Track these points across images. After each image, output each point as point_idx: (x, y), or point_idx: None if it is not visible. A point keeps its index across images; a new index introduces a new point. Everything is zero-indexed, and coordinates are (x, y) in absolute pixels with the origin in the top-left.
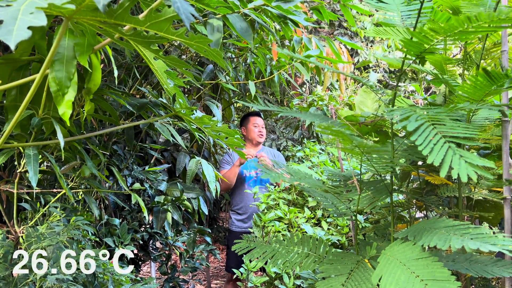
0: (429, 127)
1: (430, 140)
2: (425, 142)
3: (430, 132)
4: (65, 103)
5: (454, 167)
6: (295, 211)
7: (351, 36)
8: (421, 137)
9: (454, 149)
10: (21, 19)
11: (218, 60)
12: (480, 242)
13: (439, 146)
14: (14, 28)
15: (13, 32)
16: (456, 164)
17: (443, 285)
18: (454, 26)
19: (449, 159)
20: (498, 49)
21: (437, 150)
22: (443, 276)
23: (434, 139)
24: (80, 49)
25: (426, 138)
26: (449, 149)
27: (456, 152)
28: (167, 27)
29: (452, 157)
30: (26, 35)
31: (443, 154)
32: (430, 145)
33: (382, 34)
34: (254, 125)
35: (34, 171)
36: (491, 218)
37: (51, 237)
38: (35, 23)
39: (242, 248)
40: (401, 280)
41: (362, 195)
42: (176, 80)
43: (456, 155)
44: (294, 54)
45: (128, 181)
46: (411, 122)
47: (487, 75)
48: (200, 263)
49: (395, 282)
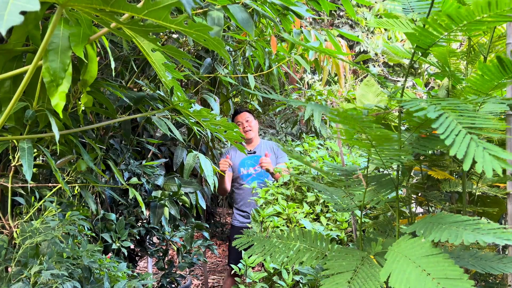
0: (449, 116)
1: (451, 130)
2: (446, 131)
3: (451, 122)
4: (58, 94)
5: (477, 160)
6: (294, 206)
7: (352, 25)
8: (442, 126)
9: (477, 140)
10: (13, 3)
11: (219, 50)
12: (493, 237)
13: (461, 137)
14: (5, 13)
15: (4, 17)
16: (480, 157)
17: (456, 283)
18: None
19: (472, 151)
20: (502, 42)
21: (459, 141)
22: (455, 275)
23: (455, 130)
24: (76, 39)
25: (448, 128)
26: (471, 141)
27: (479, 144)
28: (165, 14)
29: (475, 150)
30: (18, 20)
31: (466, 145)
32: (452, 136)
33: (385, 25)
34: (237, 123)
35: (29, 164)
36: (493, 214)
37: (46, 232)
38: (28, 8)
39: (243, 243)
40: (412, 279)
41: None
42: (174, 73)
43: (480, 147)
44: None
45: (125, 176)
46: (431, 112)
47: (500, 63)
48: (198, 259)
49: (406, 281)
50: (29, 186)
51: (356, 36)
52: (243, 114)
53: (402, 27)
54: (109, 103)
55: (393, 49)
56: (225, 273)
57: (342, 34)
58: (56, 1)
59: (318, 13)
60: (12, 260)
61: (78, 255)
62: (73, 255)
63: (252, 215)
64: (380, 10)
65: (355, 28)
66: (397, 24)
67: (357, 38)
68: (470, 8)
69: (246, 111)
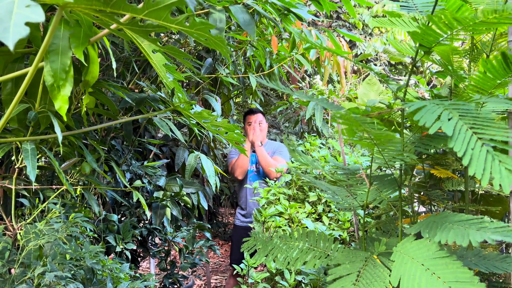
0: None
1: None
2: (463, 147)
3: (466, 134)
4: (61, 98)
5: (495, 176)
6: (296, 206)
7: (350, 28)
8: (458, 141)
9: (493, 153)
10: (17, 13)
11: (221, 49)
12: (502, 235)
13: (477, 151)
14: (11, 25)
15: (9, 29)
16: (496, 172)
17: (467, 287)
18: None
19: (488, 166)
20: (504, 39)
21: (476, 156)
22: (465, 277)
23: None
24: (76, 40)
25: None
26: (487, 154)
27: (495, 158)
28: (166, 14)
29: (492, 164)
30: (24, 33)
31: (483, 161)
32: (469, 151)
33: (385, 24)
34: (248, 123)
35: (32, 166)
36: (496, 212)
37: (49, 234)
38: (32, 18)
39: (250, 246)
40: (423, 284)
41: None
42: (175, 74)
43: (495, 161)
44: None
45: (127, 176)
46: (445, 123)
47: (504, 60)
48: (200, 259)
49: (417, 286)
50: (33, 187)
51: (355, 36)
52: (257, 116)
53: (405, 25)
54: (111, 104)
55: (397, 46)
56: (228, 273)
57: (342, 34)
58: (56, 3)
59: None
60: (15, 262)
61: (81, 257)
62: (76, 256)
63: (254, 215)
64: (378, 11)
65: (353, 31)
66: (400, 22)
67: (357, 38)
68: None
69: (260, 112)
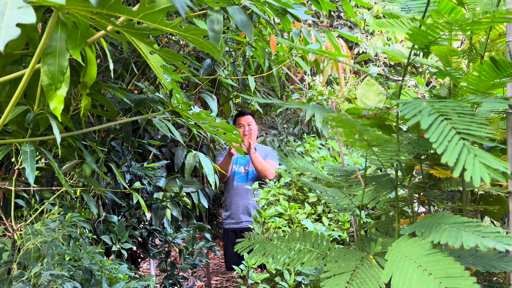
0: (443, 121)
1: (444, 137)
2: (439, 138)
3: (444, 128)
4: (56, 98)
5: (467, 168)
6: (296, 206)
7: (351, 27)
8: (435, 133)
9: (469, 147)
10: (10, 14)
11: (214, 53)
12: (494, 241)
13: (453, 143)
14: (2, 26)
15: (1, 30)
16: (470, 165)
17: (458, 281)
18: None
19: (463, 158)
20: (503, 40)
21: (452, 148)
22: (456, 272)
23: (448, 135)
24: (73, 42)
25: (441, 135)
26: (463, 147)
27: (471, 151)
28: (161, 18)
29: (466, 157)
30: (15, 34)
31: (457, 152)
32: (444, 142)
33: (385, 26)
34: (239, 125)
35: (31, 168)
36: (495, 212)
37: (46, 234)
38: (24, 20)
39: (244, 247)
40: (414, 280)
41: (366, 190)
42: (173, 75)
43: (471, 154)
44: (295, 45)
45: (127, 178)
46: (424, 117)
47: (493, 64)
48: (200, 260)
49: (408, 282)
50: (32, 189)
51: (355, 37)
52: (246, 117)
53: (403, 27)
54: (110, 105)
55: (390, 53)
56: (229, 274)
57: (341, 35)
58: (52, 5)
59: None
60: (12, 262)
61: (79, 257)
62: (74, 257)
63: (254, 216)
64: (379, 11)
65: (354, 30)
66: (398, 24)
67: (356, 39)
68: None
69: (250, 114)
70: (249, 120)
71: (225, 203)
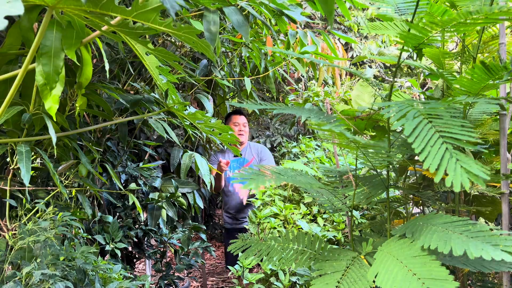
0: (426, 125)
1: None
2: (422, 143)
3: (428, 131)
4: (51, 98)
5: (449, 173)
6: (291, 207)
7: (345, 31)
8: (418, 138)
9: (452, 151)
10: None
11: (207, 52)
12: (481, 243)
13: (436, 147)
14: None
15: None
16: (451, 169)
17: (440, 284)
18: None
19: (445, 163)
20: (496, 42)
21: (434, 152)
22: (441, 275)
23: (431, 140)
24: (68, 42)
25: (424, 139)
26: (446, 151)
27: (453, 155)
28: (154, 17)
29: (449, 161)
30: (2, 25)
31: (439, 157)
32: (427, 148)
33: (379, 29)
34: (234, 124)
35: (27, 168)
36: (488, 213)
37: (38, 233)
38: (12, 12)
39: (237, 247)
40: (398, 279)
41: (358, 190)
42: (169, 76)
43: (453, 159)
44: (289, 52)
45: (122, 178)
46: (409, 120)
47: (484, 67)
48: (195, 260)
49: (392, 280)
50: (27, 189)
51: (351, 38)
52: (242, 117)
53: (397, 29)
54: (105, 105)
55: (382, 59)
56: (224, 275)
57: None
58: (44, 4)
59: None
60: (4, 262)
61: (73, 257)
62: (67, 257)
63: (249, 216)
64: (373, 14)
65: (348, 34)
66: (391, 26)
67: (352, 40)
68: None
69: (246, 115)
70: (244, 121)
71: (225, 206)
